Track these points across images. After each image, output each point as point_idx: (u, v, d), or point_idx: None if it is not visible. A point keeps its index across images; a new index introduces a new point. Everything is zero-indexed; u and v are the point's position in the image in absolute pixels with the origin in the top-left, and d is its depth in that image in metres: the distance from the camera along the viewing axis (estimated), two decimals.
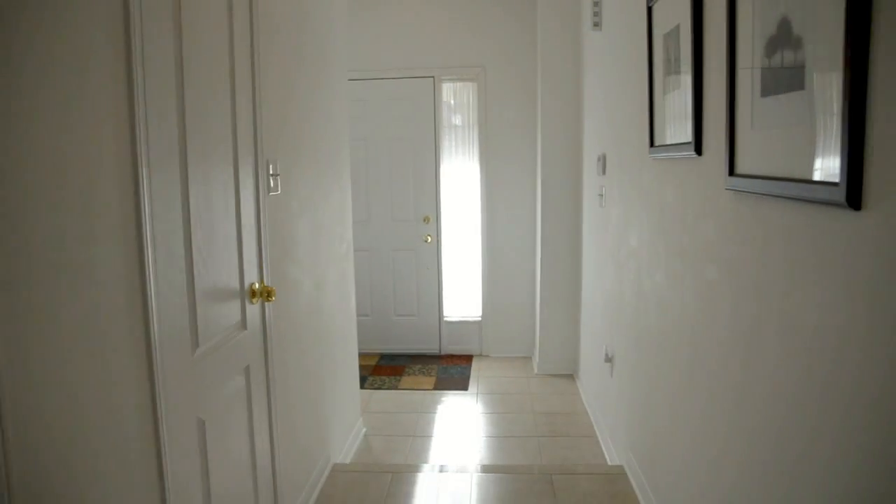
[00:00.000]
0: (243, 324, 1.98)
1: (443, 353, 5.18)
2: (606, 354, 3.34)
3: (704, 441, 1.91)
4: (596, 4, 3.53)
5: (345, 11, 3.37)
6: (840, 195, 1.11)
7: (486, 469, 3.04)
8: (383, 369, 4.83)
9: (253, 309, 2.05)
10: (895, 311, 1.01)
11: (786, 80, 1.32)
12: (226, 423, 1.86)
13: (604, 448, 3.39)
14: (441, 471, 3.00)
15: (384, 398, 4.29)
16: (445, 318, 5.20)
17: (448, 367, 4.88)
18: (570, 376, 4.61)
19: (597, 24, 3.52)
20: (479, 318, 5.18)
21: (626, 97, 2.92)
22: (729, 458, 1.71)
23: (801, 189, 1.25)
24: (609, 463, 3.20)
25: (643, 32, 2.49)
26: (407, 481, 2.88)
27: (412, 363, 4.98)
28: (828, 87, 1.16)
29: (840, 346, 1.16)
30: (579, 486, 2.79)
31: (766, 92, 1.42)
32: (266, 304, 2.13)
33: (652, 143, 2.41)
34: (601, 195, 3.53)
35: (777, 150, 1.38)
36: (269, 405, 2.19)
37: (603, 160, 3.48)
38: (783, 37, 1.33)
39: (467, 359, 5.08)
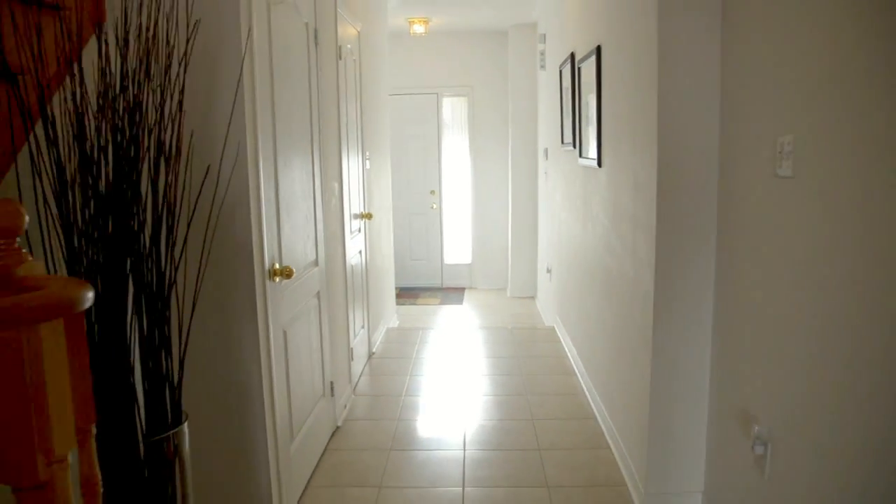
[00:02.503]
0: (360, 230, 4.14)
1: (444, 286, 7.37)
2: (547, 268, 5.54)
3: (582, 293, 4.10)
4: (542, 53, 5.68)
5: (387, 52, 5.50)
6: (596, 163, 3.29)
7: (478, 328, 5.24)
8: (404, 295, 7.01)
9: (363, 224, 4.21)
10: (612, 200, 3.18)
11: (588, 119, 3.50)
12: (356, 271, 4.02)
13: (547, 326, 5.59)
14: (450, 328, 5.19)
15: (406, 309, 6.46)
16: (445, 262, 7.39)
17: (448, 293, 7.08)
18: (532, 297, 6.82)
19: (542, 66, 5.68)
20: (470, 262, 7.37)
21: (553, 113, 5.09)
22: (586, 295, 3.90)
23: (591, 161, 3.43)
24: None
25: (558, 81, 4.66)
26: (430, 333, 5.06)
27: (423, 291, 7.17)
28: (595, 126, 3.33)
29: (604, 214, 3.34)
30: (527, 334, 5.00)
31: (585, 124, 3.60)
32: (367, 221, 4.30)
33: (562, 142, 4.59)
34: (546, 173, 5.71)
35: (588, 146, 3.56)
36: (367, 277, 4.35)
37: (546, 151, 5.65)
38: (582, 102, 3.51)
39: (461, 290, 7.27)
